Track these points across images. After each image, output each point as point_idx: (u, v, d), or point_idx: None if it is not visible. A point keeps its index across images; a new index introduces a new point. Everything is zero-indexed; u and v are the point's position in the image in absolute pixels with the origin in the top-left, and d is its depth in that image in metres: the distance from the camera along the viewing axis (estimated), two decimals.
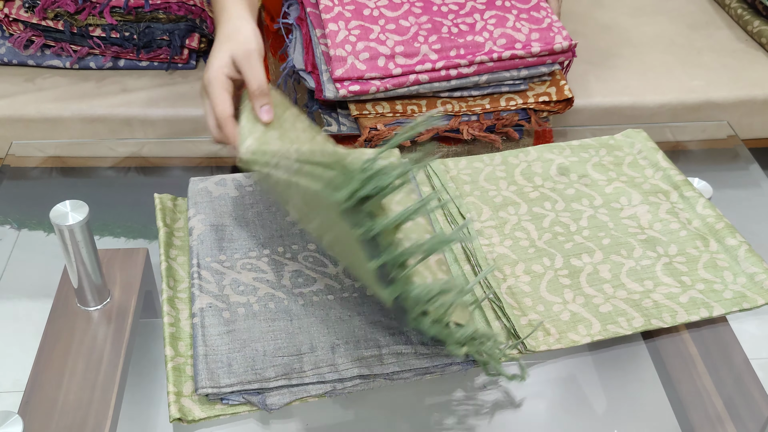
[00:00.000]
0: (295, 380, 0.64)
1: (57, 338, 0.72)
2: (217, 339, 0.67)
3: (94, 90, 1.28)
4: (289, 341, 0.68)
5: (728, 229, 0.81)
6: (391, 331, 0.69)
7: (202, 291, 0.71)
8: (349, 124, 0.95)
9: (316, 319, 0.70)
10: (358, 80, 0.92)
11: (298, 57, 0.98)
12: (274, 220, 0.80)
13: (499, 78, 0.96)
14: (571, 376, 0.73)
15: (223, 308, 0.70)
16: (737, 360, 0.73)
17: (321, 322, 0.70)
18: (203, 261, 0.74)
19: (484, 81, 0.95)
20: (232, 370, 0.64)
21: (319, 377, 0.65)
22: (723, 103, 1.32)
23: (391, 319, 0.70)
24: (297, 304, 0.71)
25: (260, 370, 0.65)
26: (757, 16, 1.46)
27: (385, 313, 0.71)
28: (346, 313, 0.71)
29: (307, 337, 0.68)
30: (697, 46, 1.43)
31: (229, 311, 0.69)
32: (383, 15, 0.97)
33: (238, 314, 0.69)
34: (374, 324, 0.70)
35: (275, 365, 0.65)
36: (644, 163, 0.90)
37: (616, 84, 1.32)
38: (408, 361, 0.67)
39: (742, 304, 0.74)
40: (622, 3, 1.56)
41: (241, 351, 0.66)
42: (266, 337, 0.67)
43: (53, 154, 1.09)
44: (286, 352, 0.66)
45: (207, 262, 0.74)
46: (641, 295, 0.74)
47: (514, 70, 0.96)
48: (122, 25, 1.26)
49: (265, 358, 0.66)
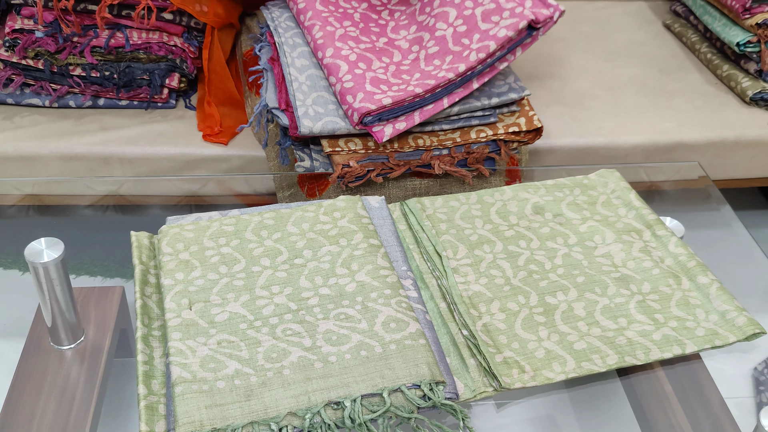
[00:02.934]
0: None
1: (29, 378, 0.71)
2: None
3: (73, 128, 1.28)
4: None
5: (700, 268, 0.83)
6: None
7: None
8: (321, 160, 0.96)
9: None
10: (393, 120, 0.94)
11: (270, 96, 0.99)
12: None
13: (469, 108, 0.97)
14: (548, 416, 0.73)
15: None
16: (711, 398, 0.73)
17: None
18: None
19: (455, 113, 0.97)
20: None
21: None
22: (694, 145, 1.35)
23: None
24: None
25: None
26: (726, 60, 1.50)
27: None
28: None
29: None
30: (669, 89, 1.47)
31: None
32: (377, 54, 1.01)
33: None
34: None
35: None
36: (617, 203, 0.92)
37: (590, 125, 1.34)
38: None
39: (714, 342, 0.75)
40: (597, 47, 1.60)
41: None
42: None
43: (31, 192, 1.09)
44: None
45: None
46: (615, 333, 0.75)
47: (484, 98, 0.97)
48: (102, 65, 1.27)
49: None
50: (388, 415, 0.65)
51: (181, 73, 1.31)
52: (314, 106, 0.95)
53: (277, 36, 1.03)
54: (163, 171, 1.26)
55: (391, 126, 0.92)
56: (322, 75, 0.99)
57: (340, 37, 1.00)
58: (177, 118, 1.32)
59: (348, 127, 0.93)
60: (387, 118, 0.92)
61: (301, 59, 1.00)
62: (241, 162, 1.26)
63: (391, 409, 0.65)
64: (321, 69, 0.99)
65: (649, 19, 1.73)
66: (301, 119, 0.93)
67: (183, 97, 1.36)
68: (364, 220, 0.81)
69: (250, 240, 0.78)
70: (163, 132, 1.28)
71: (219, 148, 1.25)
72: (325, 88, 0.97)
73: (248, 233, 0.79)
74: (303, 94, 0.96)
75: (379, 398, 0.65)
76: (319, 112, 0.94)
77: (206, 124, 1.27)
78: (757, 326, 0.76)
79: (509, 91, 0.99)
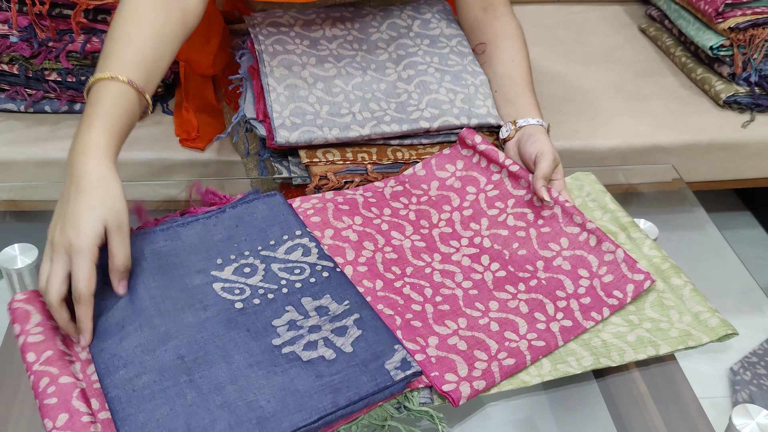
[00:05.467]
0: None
1: (2, 386, 0.71)
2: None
3: (49, 133, 1.27)
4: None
5: (673, 270, 0.84)
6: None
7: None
8: (299, 172, 0.96)
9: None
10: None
11: (249, 106, 0.99)
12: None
13: (449, 126, 0.97)
14: (527, 418, 0.73)
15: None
16: (686, 398, 0.74)
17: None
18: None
19: (435, 128, 0.97)
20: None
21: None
22: (669, 147, 1.36)
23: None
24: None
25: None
26: (700, 64, 1.52)
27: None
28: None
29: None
30: (644, 92, 1.48)
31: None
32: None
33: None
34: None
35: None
36: (593, 206, 0.93)
37: (567, 128, 1.36)
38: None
39: (688, 342, 0.76)
40: (574, 51, 1.62)
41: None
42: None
43: (6, 198, 1.08)
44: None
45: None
46: (590, 335, 0.76)
47: (463, 117, 0.98)
48: (78, 69, 1.26)
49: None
50: (362, 422, 0.65)
51: None
52: (291, 117, 0.94)
53: (257, 44, 1.02)
54: (141, 176, 1.25)
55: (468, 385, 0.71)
56: (300, 85, 0.98)
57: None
58: (154, 123, 1.32)
59: (325, 136, 0.93)
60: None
61: (281, 68, 0.99)
62: (219, 167, 1.26)
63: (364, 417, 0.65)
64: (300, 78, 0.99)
65: (625, 24, 1.74)
66: (278, 129, 0.93)
67: (160, 102, 1.36)
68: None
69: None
70: (138, 137, 1.28)
71: (196, 152, 1.25)
72: (304, 99, 0.97)
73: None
74: (280, 105, 0.95)
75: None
76: (296, 122, 0.94)
77: (183, 129, 1.27)
78: (730, 327, 0.77)
79: (488, 116, 0.99)
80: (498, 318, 0.76)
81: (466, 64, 1.05)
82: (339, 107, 0.97)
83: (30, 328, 0.68)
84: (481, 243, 0.85)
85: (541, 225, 0.85)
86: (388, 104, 0.99)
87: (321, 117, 0.95)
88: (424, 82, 1.01)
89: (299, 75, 0.99)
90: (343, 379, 0.64)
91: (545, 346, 0.73)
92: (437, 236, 0.86)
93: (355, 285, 0.76)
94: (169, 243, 0.77)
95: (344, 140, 0.95)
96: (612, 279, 0.80)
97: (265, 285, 0.74)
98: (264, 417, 0.61)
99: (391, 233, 0.85)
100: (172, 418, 0.60)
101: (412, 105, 0.99)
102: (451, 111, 0.98)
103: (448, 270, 0.81)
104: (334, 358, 0.66)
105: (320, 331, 0.69)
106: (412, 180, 0.93)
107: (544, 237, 0.84)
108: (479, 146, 0.92)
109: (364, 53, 1.05)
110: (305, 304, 0.72)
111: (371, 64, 1.03)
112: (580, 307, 0.77)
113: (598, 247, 0.82)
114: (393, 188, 0.92)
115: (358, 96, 0.99)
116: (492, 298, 0.78)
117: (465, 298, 0.78)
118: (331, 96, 0.98)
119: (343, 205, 0.86)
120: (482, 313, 0.76)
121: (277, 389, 0.63)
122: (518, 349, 0.72)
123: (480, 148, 0.92)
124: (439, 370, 0.69)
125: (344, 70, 1.02)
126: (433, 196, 0.91)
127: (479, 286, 0.79)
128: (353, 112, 0.97)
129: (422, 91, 1.00)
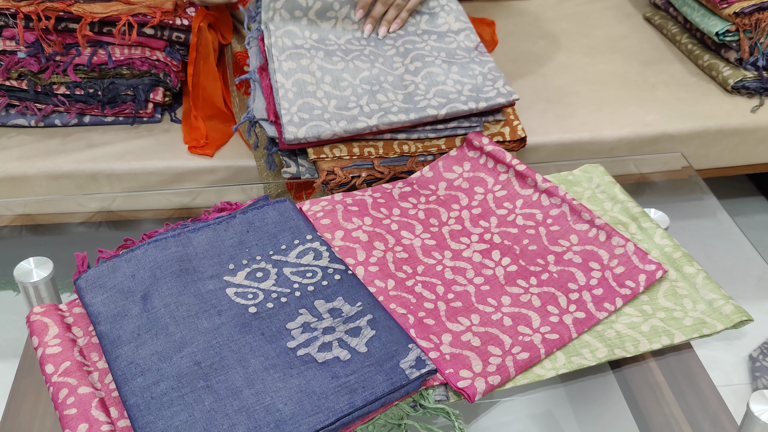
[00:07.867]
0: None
1: (24, 397, 0.71)
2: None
3: (60, 147, 1.28)
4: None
5: (686, 258, 0.83)
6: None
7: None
8: (308, 166, 0.96)
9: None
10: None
11: (258, 106, 0.99)
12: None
13: (456, 113, 0.97)
14: (547, 412, 0.73)
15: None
16: (704, 386, 0.74)
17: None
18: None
19: (442, 114, 0.97)
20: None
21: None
22: (678, 136, 1.36)
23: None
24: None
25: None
26: (706, 50, 1.51)
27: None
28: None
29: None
30: (651, 81, 1.48)
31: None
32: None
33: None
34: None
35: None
36: (602, 197, 0.93)
37: (574, 120, 1.35)
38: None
39: (702, 330, 0.76)
40: (578, 43, 1.61)
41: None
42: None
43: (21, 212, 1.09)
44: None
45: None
46: (604, 326, 0.76)
47: (471, 102, 0.98)
48: (86, 82, 1.27)
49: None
50: (378, 422, 0.65)
51: (164, 86, 1.31)
52: (299, 113, 0.95)
53: (267, 37, 1.02)
54: (151, 185, 1.26)
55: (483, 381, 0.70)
56: (309, 80, 0.98)
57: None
58: (163, 132, 1.32)
59: (333, 129, 0.94)
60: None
61: (289, 62, 0.99)
62: (228, 173, 1.26)
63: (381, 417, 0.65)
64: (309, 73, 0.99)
65: (630, 13, 1.74)
66: (286, 126, 0.93)
67: (168, 110, 1.36)
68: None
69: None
70: (149, 146, 1.28)
71: (205, 160, 1.26)
72: (312, 94, 0.97)
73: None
74: (288, 102, 0.96)
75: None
76: (304, 118, 0.94)
77: (192, 137, 1.28)
78: (744, 314, 0.77)
79: (497, 96, 0.98)
80: (511, 312, 0.76)
81: (474, 56, 1.05)
82: (347, 101, 0.98)
83: (48, 340, 0.69)
84: (491, 239, 0.85)
85: (550, 224, 0.85)
86: (395, 95, 0.99)
87: (329, 111, 0.96)
88: (432, 74, 1.02)
89: (307, 69, 0.99)
90: (359, 379, 0.65)
91: (559, 339, 0.73)
92: (447, 234, 0.86)
93: (367, 285, 0.76)
94: (181, 249, 0.77)
95: (352, 132, 0.95)
96: (624, 270, 0.80)
97: (277, 289, 0.74)
98: (282, 420, 0.61)
99: (401, 233, 0.85)
100: (191, 424, 0.61)
101: (419, 95, 0.99)
102: (459, 99, 0.99)
103: (459, 267, 0.81)
104: (349, 359, 0.67)
105: (334, 333, 0.69)
106: (420, 181, 0.93)
107: (553, 234, 0.84)
108: (486, 147, 0.92)
109: (372, 48, 1.06)
110: (318, 306, 0.72)
111: (379, 58, 1.04)
112: (592, 298, 0.77)
113: (608, 242, 0.82)
114: (401, 189, 0.92)
115: (365, 89, 1.00)
116: (504, 293, 0.78)
117: (477, 294, 0.78)
118: (339, 90, 0.99)
119: (352, 206, 0.87)
120: (495, 308, 0.76)
121: (294, 392, 0.64)
122: (532, 343, 0.72)
123: (487, 149, 0.92)
124: (453, 367, 0.69)
125: (352, 63, 1.02)
126: (442, 196, 0.91)
127: (491, 281, 0.80)
128: (360, 105, 0.97)
129: (429, 83, 1.01)
